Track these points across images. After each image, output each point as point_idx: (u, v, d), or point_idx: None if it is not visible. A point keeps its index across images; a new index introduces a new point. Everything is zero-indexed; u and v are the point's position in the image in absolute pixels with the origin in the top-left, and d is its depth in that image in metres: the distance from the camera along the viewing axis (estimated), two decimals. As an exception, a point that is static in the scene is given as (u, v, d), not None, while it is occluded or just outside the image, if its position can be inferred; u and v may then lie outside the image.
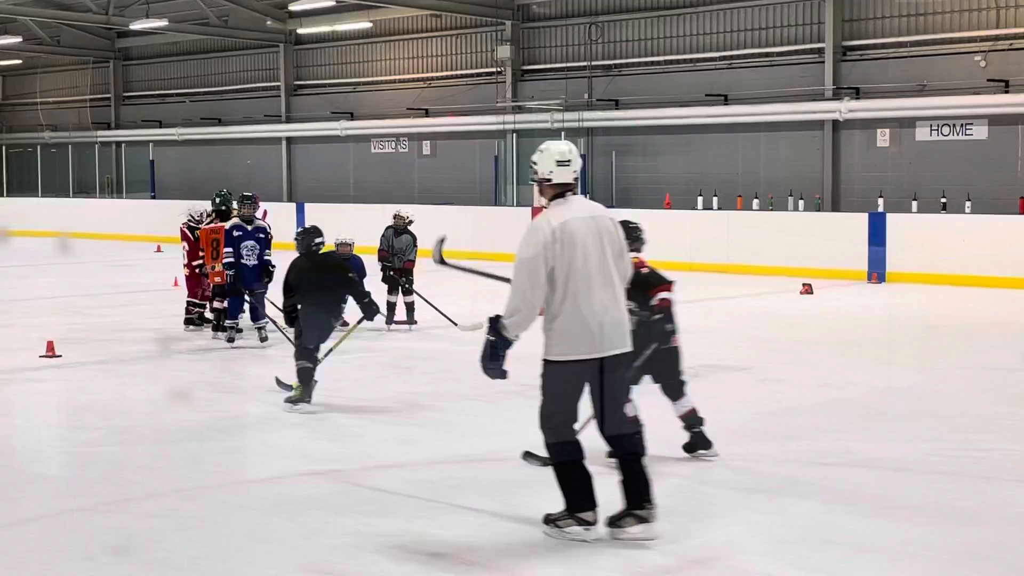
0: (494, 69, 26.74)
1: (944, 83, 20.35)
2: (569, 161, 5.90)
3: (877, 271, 18.84)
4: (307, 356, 9.04)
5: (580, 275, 5.75)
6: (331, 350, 9.37)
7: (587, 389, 5.83)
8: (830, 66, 21.65)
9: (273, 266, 12.47)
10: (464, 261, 7.28)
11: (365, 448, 7.90)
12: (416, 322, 13.42)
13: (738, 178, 22.71)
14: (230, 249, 12.25)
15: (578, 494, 5.79)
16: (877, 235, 18.99)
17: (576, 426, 5.84)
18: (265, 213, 13.38)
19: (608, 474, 5.96)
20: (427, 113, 27.82)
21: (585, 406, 5.84)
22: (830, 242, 19.57)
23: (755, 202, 21.70)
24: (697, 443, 7.37)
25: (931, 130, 20.54)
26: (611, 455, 6.08)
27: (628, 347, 5.87)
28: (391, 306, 13.44)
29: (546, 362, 5.84)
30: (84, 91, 36.47)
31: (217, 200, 13.42)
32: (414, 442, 8.02)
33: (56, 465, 7.66)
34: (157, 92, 34.96)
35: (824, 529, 5.95)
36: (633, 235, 7.32)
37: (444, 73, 28.02)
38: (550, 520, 5.85)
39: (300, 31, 30.20)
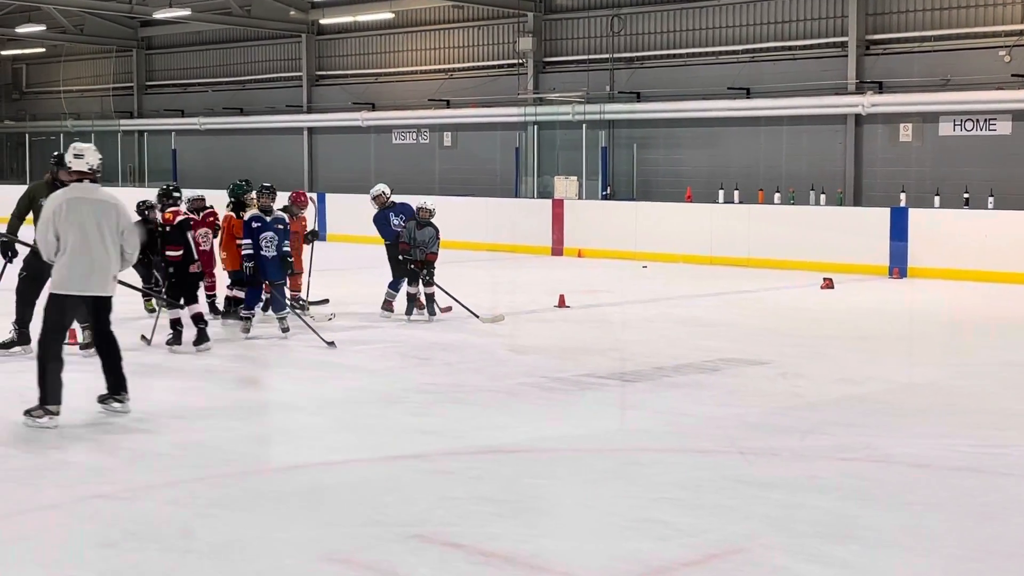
0: (516, 61, 26.72)
1: (968, 78, 20.25)
2: (83, 155, 8.30)
3: (899, 266, 18.78)
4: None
5: (77, 237, 8.07)
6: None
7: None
8: (853, 60, 21.57)
9: (291, 257, 12.47)
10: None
11: (384, 438, 7.92)
12: (436, 313, 13.44)
13: (759, 172, 22.66)
14: (249, 240, 12.22)
15: (50, 391, 8.03)
16: (899, 230, 18.93)
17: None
18: (314, 202, 13.61)
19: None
20: (448, 104, 27.82)
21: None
22: (851, 237, 19.52)
23: (776, 196, 21.63)
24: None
25: (954, 125, 20.45)
26: (100, 353, 8.52)
27: (109, 293, 8.31)
28: (412, 297, 13.46)
29: (50, 293, 8.27)
30: (107, 80, 36.60)
31: (231, 190, 13.54)
32: (433, 432, 8.04)
33: (78, 452, 7.71)
34: (179, 81, 35.06)
35: (842, 524, 5.94)
36: (169, 197, 11.91)
37: (465, 64, 28.02)
38: (27, 413, 8.03)
39: (322, 21, 30.23)
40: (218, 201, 13.96)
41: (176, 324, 11.35)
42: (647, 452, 7.56)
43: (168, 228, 11.55)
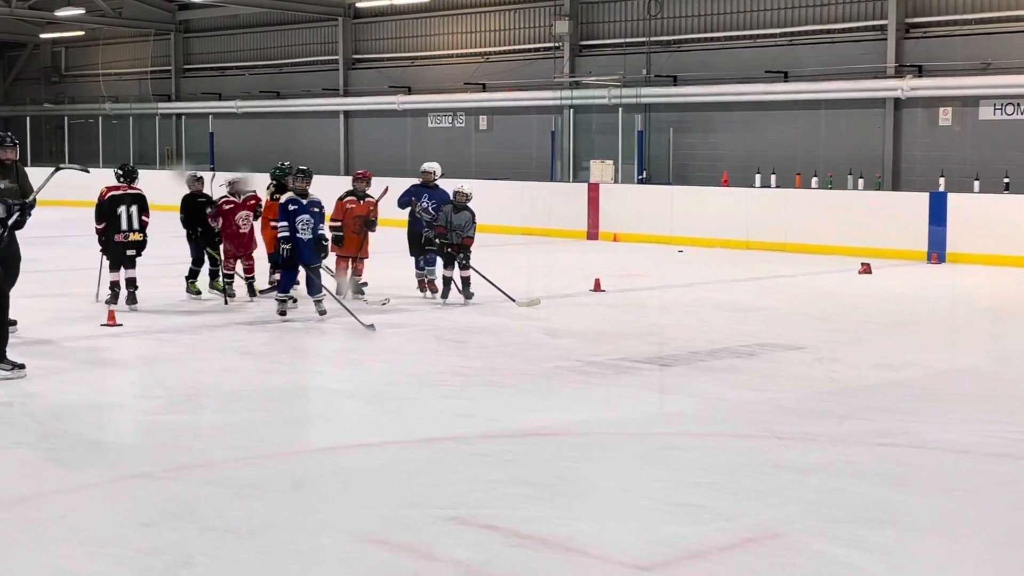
0: (552, 44, 26.65)
1: (1009, 62, 20.04)
2: None
3: (937, 251, 18.64)
4: None
5: None
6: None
7: None
8: (892, 43, 21.39)
9: (327, 240, 12.49)
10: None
11: (420, 421, 7.94)
12: (472, 295, 13.45)
13: (797, 156, 22.53)
14: (285, 223, 12.24)
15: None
16: (938, 215, 18.78)
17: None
18: (386, 190, 13.61)
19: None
20: (484, 88, 27.80)
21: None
22: (890, 221, 19.39)
23: (814, 180, 21.51)
24: None
25: (995, 109, 20.26)
26: None
27: None
28: (447, 281, 13.50)
29: None
30: (145, 63, 36.79)
31: (273, 172, 13.61)
32: (469, 415, 8.05)
33: (117, 432, 7.78)
34: (217, 65, 35.20)
35: (880, 509, 5.91)
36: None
37: (502, 48, 27.97)
38: None
39: (359, 5, 30.25)
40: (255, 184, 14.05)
41: (114, 286, 12.66)
42: (683, 436, 7.55)
43: (99, 202, 12.64)
